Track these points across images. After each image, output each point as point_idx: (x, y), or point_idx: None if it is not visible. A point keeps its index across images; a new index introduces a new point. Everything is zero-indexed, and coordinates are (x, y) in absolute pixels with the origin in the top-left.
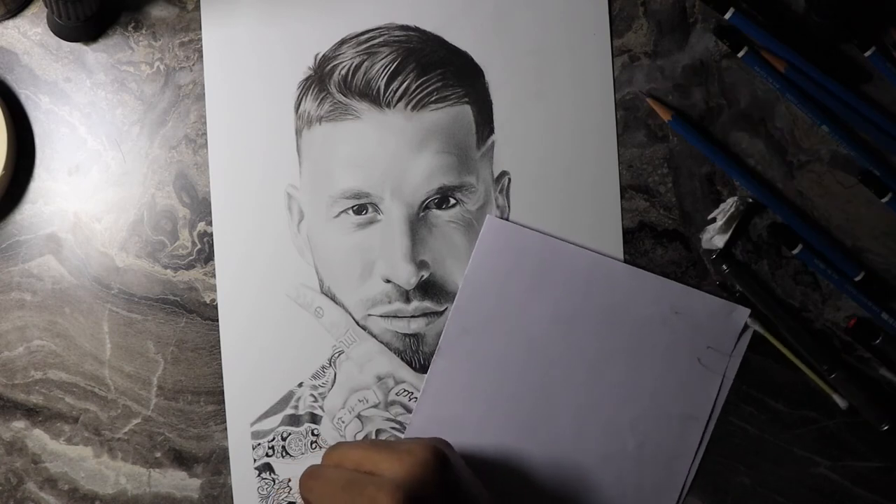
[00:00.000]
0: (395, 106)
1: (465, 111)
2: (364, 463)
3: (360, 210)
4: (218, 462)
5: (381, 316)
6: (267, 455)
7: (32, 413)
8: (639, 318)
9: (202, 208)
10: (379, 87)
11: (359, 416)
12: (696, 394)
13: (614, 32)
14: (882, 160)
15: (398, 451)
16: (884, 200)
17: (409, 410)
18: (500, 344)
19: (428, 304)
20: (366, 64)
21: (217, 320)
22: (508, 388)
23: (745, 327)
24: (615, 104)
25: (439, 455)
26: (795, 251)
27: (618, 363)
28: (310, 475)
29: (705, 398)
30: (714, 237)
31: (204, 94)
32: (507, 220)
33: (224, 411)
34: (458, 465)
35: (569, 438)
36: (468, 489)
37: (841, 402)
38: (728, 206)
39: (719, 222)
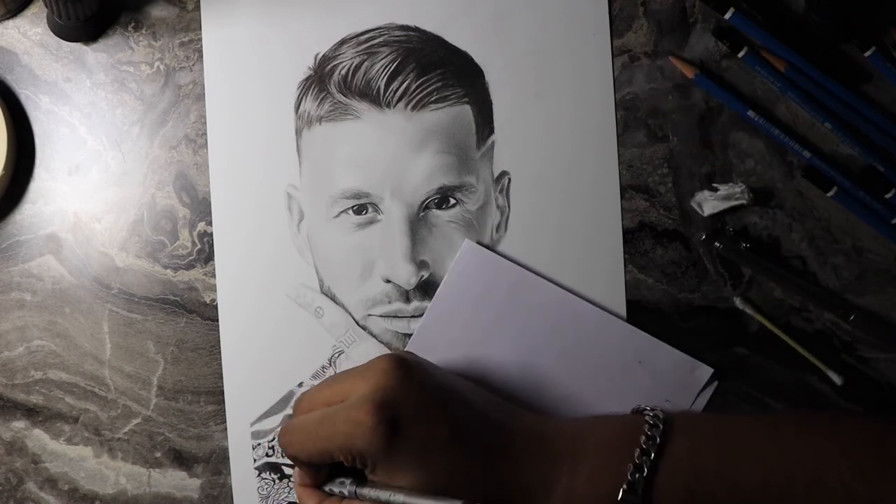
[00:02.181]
0: (395, 106)
1: (465, 111)
2: (334, 398)
3: (360, 210)
4: (218, 462)
5: (381, 316)
6: (267, 455)
7: (32, 413)
8: (601, 361)
9: (202, 208)
10: (379, 87)
11: None
12: None
13: (614, 32)
14: (886, 157)
15: (359, 373)
16: (829, 195)
17: None
18: (459, 369)
19: (428, 305)
20: (366, 64)
21: (217, 320)
22: None
23: (706, 385)
24: (615, 104)
25: (398, 360)
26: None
27: (574, 402)
28: (284, 431)
29: None
30: (706, 202)
31: (204, 94)
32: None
33: (224, 411)
34: (422, 363)
35: None
36: (441, 379)
37: (836, 379)
38: (735, 188)
39: (720, 192)
